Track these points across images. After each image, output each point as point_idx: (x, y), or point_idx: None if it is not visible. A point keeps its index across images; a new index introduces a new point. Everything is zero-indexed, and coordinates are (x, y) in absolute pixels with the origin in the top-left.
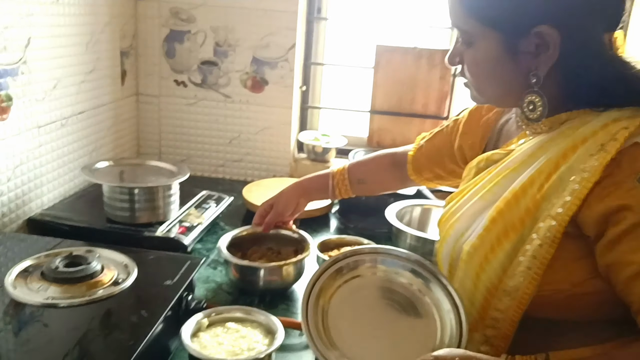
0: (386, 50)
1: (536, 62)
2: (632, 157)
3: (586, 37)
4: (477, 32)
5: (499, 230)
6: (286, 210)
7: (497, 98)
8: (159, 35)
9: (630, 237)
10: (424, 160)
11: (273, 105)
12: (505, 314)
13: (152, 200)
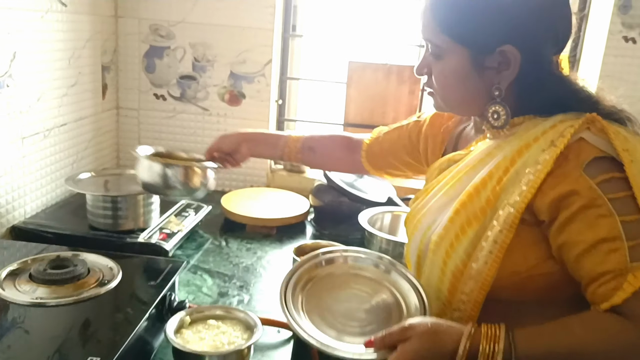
0: (358, 66)
1: (498, 78)
2: (577, 150)
3: (541, 57)
4: (448, 47)
5: (463, 220)
6: (225, 144)
7: (461, 107)
8: (139, 51)
9: (579, 218)
10: (378, 149)
11: (250, 119)
12: (470, 296)
13: (134, 208)
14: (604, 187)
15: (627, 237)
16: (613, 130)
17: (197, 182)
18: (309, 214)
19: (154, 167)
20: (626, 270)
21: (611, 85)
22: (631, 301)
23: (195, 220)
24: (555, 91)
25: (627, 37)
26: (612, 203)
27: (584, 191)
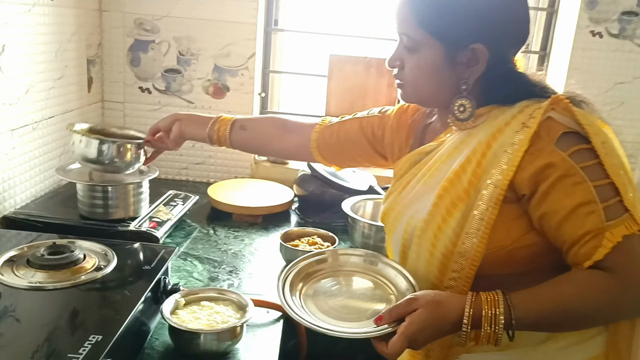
0: (339, 60)
1: (467, 73)
2: (547, 128)
3: (505, 56)
4: (424, 41)
5: (447, 204)
6: (161, 124)
7: (430, 99)
8: (123, 45)
9: (557, 188)
10: (333, 139)
11: (234, 111)
12: (460, 273)
13: (125, 197)
14: (575, 157)
15: (600, 199)
16: (575, 109)
17: (129, 158)
18: (294, 203)
19: (91, 143)
20: (603, 229)
21: (579, 78)
22: (611, 255)
23: (184, 209)
24: (515, 84)
25: (594, 31)
26: (584, 171)
27: (558, 163)
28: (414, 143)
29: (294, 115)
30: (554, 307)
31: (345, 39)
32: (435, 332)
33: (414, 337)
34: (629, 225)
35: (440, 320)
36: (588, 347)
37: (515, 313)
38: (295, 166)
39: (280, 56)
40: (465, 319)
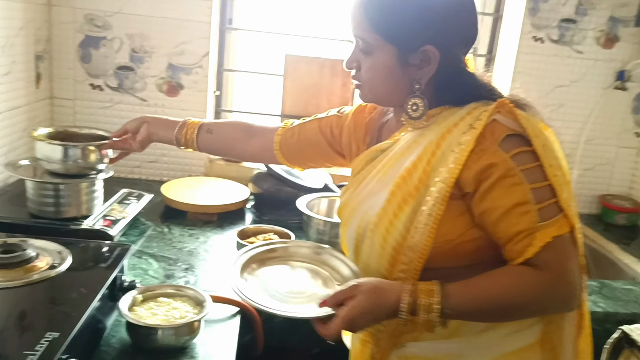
0: (293, 60)
1: (420, 73)
2: (492, 130)
3: (455, 56)
4: (378, 44)
5: (399, 200)
6: (129, 125)
7: (385, 98)
8: (73, 41)
9: (497, 187)
10: (294, 140)
11: (188, 109)
12: (409, 266)
13: (77, 195)
14: (517, 159)
15: (535, 201)
16: (518, 112)
17: (93, 159)
18: (249, 201)
19: (56, 149)
20: (536, 229)
21: (523, 81)
22: (541, 254)
23: (138, 207)
24: (466, 85)
25: (536, 37)
26: (524, 173)
27: (500, 163)
28: (371, 141)
29: (250, 114)
30: (486, 298)
31: (300, 39)
32: (373, 317)
33: (353, 320)
34: (560, 226)
35: (378, 307)
36: (525, 335)
37: (449, 303)
38: (250, 165)
39: (235, 55)
40: (403, 307)
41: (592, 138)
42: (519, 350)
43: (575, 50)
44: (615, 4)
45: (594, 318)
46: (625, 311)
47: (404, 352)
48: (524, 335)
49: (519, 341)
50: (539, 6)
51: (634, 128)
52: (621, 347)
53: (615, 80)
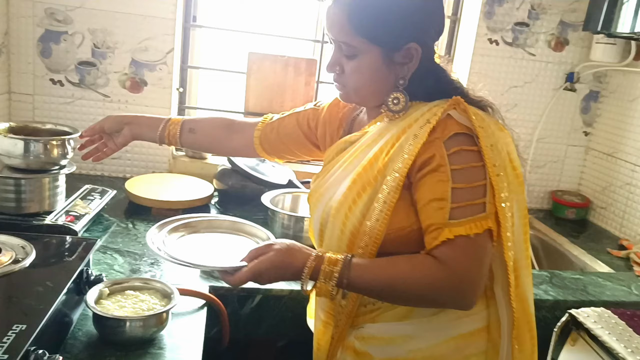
0: (257, 58)
1: (403, 70)
2: (444, 125)
3: (431, 49)
4: (362, 47)
5: (359, 188)
6: (107, 125)
7: (370, 98)
8: (33, 35)
9: (425, 179)
10: (274, 134)
11: (152, 105)
12: (365, 250)
13: (40, 190)
14: (452, 158)
15: (452, 200)
16: (473, 111)
17: (56, 154)
18: (213, 197)
19: (17, 143)
20: (444, 225)
21: (478, 81)
22: (441, 248)
23: (102, 203)
24: (438, 79)
25: (491, 39)
26: (452, 172)
27: (437, 158)
28: (344, 133)
29: (213, 111)
30: (381, 278)
31: (263, 37)
32: (279, 273)
33: (259, 272)
34: (471, 227)
35: (285, 264)
36: (474, 320)
37: (348, 274)
38: (214, 161)
39: (199, 52)
40: (305, 270)
41: (544, 137)
42: (468, 334)
43: (528, 52)
44: (565, 9)
45: (544, 306)
46: (574, 299)
47: (361, 333)
48: (473, 320)
49: (468, 325)
50: (494, 10)
51: (583, 127)
52: (569, 329)
53: (565, 82)
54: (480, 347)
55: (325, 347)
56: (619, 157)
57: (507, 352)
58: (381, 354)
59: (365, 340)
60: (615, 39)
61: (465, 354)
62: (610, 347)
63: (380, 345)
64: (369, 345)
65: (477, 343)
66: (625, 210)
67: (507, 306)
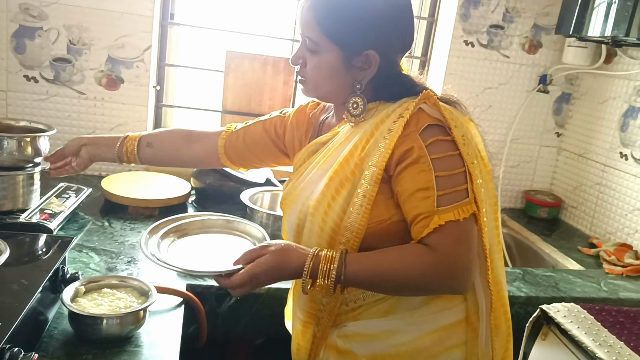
0: (236, 56)
1: (361, 75)
2: (417, 118)
3: (393, 59)
4: (324, 45)
5: (337, 184)
6: (67, 149)
7: (328, 96)
8: (6, 30)
9: (407, 171)
10: (240, 143)
11: (128, 103)
12: (347, 245)
13: (13, 188)
14: (431, 148)
15: (437, 188)
16: (442, 105)
17: (29, 152)
18: (190, 196)
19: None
20: (433, 213)
21: (455, 82)
22: (432, 235)
23: (77, 201)
24: (401, 85)
25: (467, 41)
26: (433, 162)
27: (415, 150)
28: (312, 136)
29: (191, 109)
30: (377, 270)
31: (242, 36)
32: (276, 275)
33: (257, 275)
34: (458, 212)
35: (283, 266)
36: (455, 312)
37: (346, 269)
38: None
39: (177, 50)
40: (305, 269)
41: (517, 137)
42: (449, 326)
43: (503, 54)
44: (538, 12)
45: (517, 302)
46: (545, 295)
47: (344, 331)
48: (453, 313)
49: (448, 318)
50: (469, 12)
51: (555, 128)
52: (540, 324)
53: (538, 84)
54: (461, 337)
55: (306, 347)
56: (589, 157)
57: (486, 337)
58: (365, 351)
59: (348, 338)
60: (587, 42)
61: (446, 346)
62: (579, 341)
63: (364, 342)
64: (352, 342)
65: (458, 334)
66: (595, 209)
67: (485, 290)
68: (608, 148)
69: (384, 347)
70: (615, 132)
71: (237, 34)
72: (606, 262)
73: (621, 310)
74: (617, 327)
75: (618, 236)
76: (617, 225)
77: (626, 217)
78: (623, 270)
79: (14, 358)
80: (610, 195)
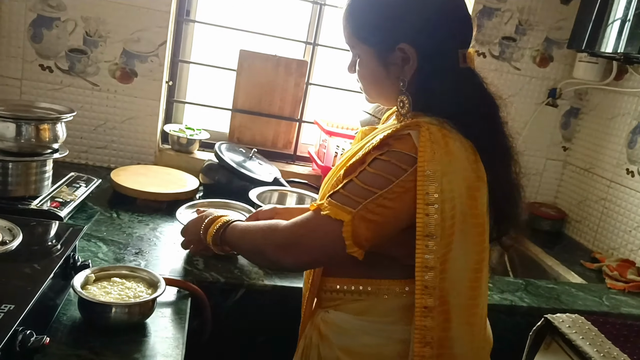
0: (249, 56)
1: (403, 72)
2: (401, 141)
3: (437, 52)
4: (359, 47)
5: (328, 190)
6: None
7: (379, 99)
8: (25, 19)
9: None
10: None
11: (141, 97)
12: None
13: (26, 175)
14: (375, 162)
15: (343, 187)
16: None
17: (48, 137)
18: (198, 191)
19: (9, 126)
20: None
21: None
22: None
23: (88, 190)
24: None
25: (479, 51)
26: (362, 172)
27: (369, 155)
28: None
29: (202, 106)
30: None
31: (255, 36)
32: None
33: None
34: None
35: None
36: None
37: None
38: (201, 156)
39: (190, 47)
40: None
41: (524, 149)
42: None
43: (514, 66)
44: (551, 26)
45: (519, 312)
46: (547, 306)
47: (326, 317)
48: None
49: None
50: (483, 23)
51: (562, 142)
52: (544, 334)
53: (547, 97)
54: None
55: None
56: (595, 172)
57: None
58: (339, 341)
59: (328, 325)
60: (598, 58)
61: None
62: (583, 351)
63: (339, 333)
64: (330, 330)
65: None
66: (599, 224)
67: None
68: (615, 164)
69: (354, 343)
70: (622, 149)
71: (251, 33)
72: (608, 277)
73: (625, 323)
74: (621, 340)
75: (621, 252)
76: (621, 241)
77: (630, 234)
78: (625, 286)
79: (26, 340)
80: (615, 211)
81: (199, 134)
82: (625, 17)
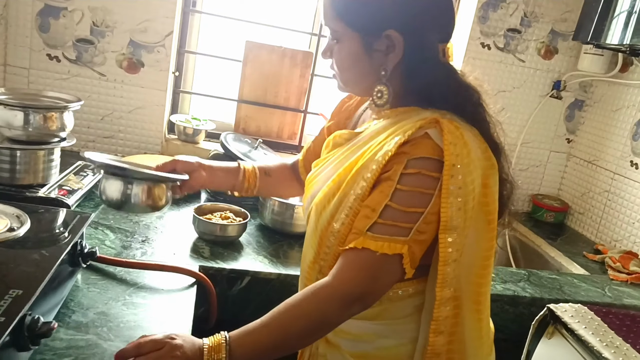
0: (254, 47)
1: (386, 60)
2: (418, 144)
3: (423, 42)
4: (343, 32)
5: (334, 190)
6: (180, 165)
7: (356, 87)
8: (32, 8)
9: (380, 184)
10: (312, 158)
11: (147, 87)
12: (330, 249)
13: (35, 163)
14: (404, 178)
15: (381, 215)
16: (455, 135)
17: (56, 126)
18: None
19: (17, 114)
20: (362, 234)
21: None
22: (347, 253)
23: (94, 179)
24: (434, 76)
25: (484, 43)
26: (395, 191)
27: (392, 170)
28: (348, 126)
29: (207, 96)
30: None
31: (261, 27)
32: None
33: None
34: (382, 245)
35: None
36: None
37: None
38: (207, 146)
39: (197, 37)
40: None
41: (528, 141)
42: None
43: (518, 58)
44: (556, 18)
45: (522, 302)
46: (550, 297)
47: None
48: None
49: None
50: (488, 15)
51: (566, 134)
52: (546, 323)
53: (551, 89)
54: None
55: None
56: (599, 165)
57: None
58: (350, 348)
59: (336, 333)
60: (603, 50)
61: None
62: (586, 341)
63: (350, 340)
64: (340, 338)
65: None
66: (602, 216)
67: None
68: (619, 156)
69: (368, 347)
70: (627, 141)
71: (257, 24)
72: (611, 269)
73: (628, 314)
74: (624, 330)
75: (624, 244)
76: (624, 233)
77: (633, 226)
78: (628, 278)
79: (34, 325)
80: (619, 203)
81: (205, 124)
82: (632, 9)
